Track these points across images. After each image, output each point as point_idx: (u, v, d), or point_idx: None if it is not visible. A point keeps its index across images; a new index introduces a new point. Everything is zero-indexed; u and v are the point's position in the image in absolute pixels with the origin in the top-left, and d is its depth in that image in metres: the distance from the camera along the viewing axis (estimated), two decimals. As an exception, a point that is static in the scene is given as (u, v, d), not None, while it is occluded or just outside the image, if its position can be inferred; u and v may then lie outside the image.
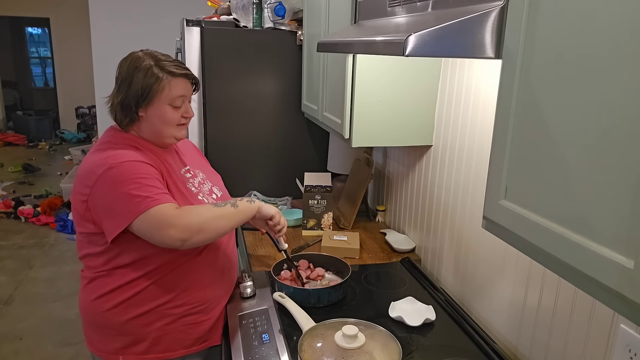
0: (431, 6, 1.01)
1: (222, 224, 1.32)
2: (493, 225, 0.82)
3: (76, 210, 1.33)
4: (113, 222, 1.25)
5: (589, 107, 0.61)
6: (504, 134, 0.77)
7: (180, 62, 1.39)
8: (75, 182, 1.35)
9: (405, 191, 1.99)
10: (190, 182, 1.44)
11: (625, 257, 0.56)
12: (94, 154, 1.32)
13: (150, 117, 1.34)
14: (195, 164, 1.54)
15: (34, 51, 9.85)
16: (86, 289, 1.38)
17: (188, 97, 1.39)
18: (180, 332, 1.38)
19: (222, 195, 1.54)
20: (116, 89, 1.34)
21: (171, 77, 1.32)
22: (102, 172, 1.24)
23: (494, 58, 0.82)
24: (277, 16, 2.32)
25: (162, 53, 1.38)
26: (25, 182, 6.06)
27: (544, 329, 1.19)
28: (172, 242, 1.23)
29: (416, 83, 1.65)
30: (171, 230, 1.22)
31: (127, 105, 1.32)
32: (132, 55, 1.35)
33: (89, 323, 1.40)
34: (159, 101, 1.32)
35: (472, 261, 1.51)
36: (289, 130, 2.49)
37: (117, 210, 1.24)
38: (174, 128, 1.37)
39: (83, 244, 1.37)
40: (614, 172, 0.57)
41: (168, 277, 1.35)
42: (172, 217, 1.23)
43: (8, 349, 2.86)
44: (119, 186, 1.23)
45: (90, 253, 1.35)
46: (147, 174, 1.27)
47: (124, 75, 1.32)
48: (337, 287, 1.50)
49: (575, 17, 0.62)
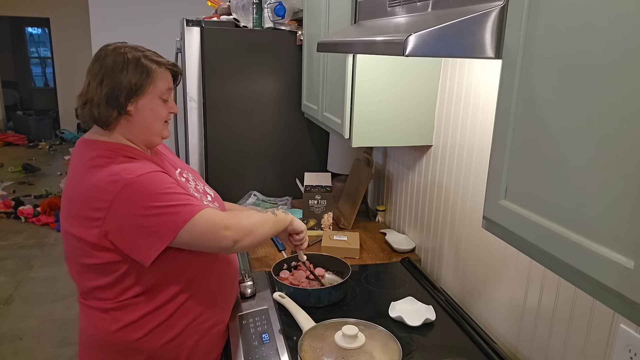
0: (431, 6, 1.01)
1: (266, 229, 1.32)
2: (493, 225, 0.82)
3: (82, 242, 1.18)
4: (152, 240, 1.14)
5: (588, 107, 0.61)
6: (504, 133, 0.77)
7: (156, 53, 1.31)
8: (69, 210, 1.20)
9: (405, 191, 1.99)
10: (190, 186, 1.38)
11: (625, 257, 0.56)
12: (88, 173, 1.18)
13: (141, 112, 1.24)
14: (180, 164, 1.48)
15: (34, 51, 9.85)
16: (102, 319, 1.25)
17: (172, 90, 1.33)
18: (209, 344, 1.36)
19: (215, 195, 1.49)
20: (96, 83, 1.20)
21: (161, 68, 1.25)
22: (119, 189, 1.12)
23: (494, 58, 0.82)
24: (277, 16, 2.32)
25: (138, 45, 1.29)
26: (25, 182, 6.06)
27: (544, 328, 1.19)
28: (226, 242, 1.20)
29: (416, 83, 1.65)
30: (226, 231, 1.19)
31: (115, 98, 1.19)
32: (110, 46, 1.25)
33: (109, 351, 1.27)
34: (150, 92, 1.23)
35: (472, 261, 1.51)
36: (289, 130, 2.49)
37: (157, 226, 1.14)
38: (162, 125, 1.29)
39: (88, 276, 1.24)
40: (613, 172, 0.57)
41: (195, 294, 1.29)
42: (225, 218, 1.20)
43: (8, 349, 2.86)
44: (148, 200, 1.13)
45: (101, 285, 1.22)
46: (171, 183, 1.19)
47: (109, 67, 1.20)
48: (337, 287, 1.50)
49: (575, 17, 0.62)
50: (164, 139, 1.34)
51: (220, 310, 1.38)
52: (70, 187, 1.22)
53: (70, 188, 1.21)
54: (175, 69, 1.32)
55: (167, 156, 1.44)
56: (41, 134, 8.56)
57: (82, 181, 1.18)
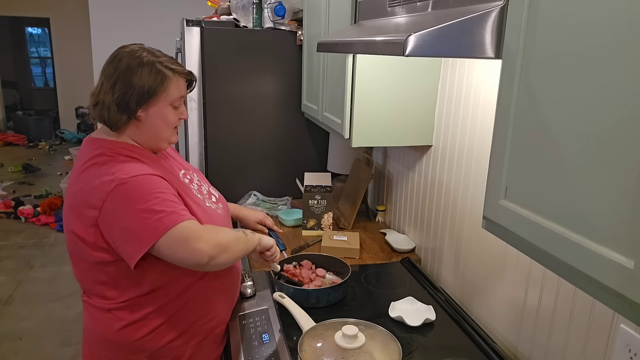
0: (431, 6, 1.01)
1: (240, 247, 1.28)
2: (493, 225, 0.82)
3: (81, 240, 1.18)
4: (135, 244, 1.13)
5: (588, 107, 0.61)
6: (503, 133, 0.77)
7: (175, 59, 1.30)
8: (71, 208, 1.20)
9: (405, 191, 1.99)
10: (193, 188, 1.37)
11: (625, 257, 0.56)
12: (89, 170, 1.18)
13: (151, 118, 1.23)
14: (185, 165, 1.47)
15: (34, 51, 9.85)
16: (106, 318, 1.25)
17: (185, 97, 1.32)
18: (212, 345, 1.36)
19: (219, 196, 1.49)
20: (109, 85, 1.20)
21: (175, 75, 1.24)
22: (112, 188, 1.12)
23: (494, 58, 0.82)
24: (277, 16, 2.32)
25: (154, 48, 1.27)
26: (25, 182, 6.06)
27: (544, 329, 1.19)
28: (201, 257, 1.15)
29: (416, 83, 1.65)
30: (201, 244, 1.14)
31: (125, 104, 1.19)
32: (127, 48, 1.23)
33: (112, 349, 1.27)
34: (162, 100, 1.23)
35: (472, 261, 1.51)
36: (289, 130, 2.49)
37: (139, 229, 1.12)
38: (171, 131, 1.29)
39: (92, 274, 1.23)
40: (613, 172, 0.57)
41: (197, 294, 1.29)
42: (202, 231, 1.16)
43: (8, 349, 2.86)
44: (136, 202, 1.12)
45: (103, 284, 1.23)
46: (164, 188, 1.17)
47: (123, 70, 1.19)
48: (337, 287, 1.50)
49: (575, 16, 0.62)
50: (171, 144, 1.33)
51: (223, 311, 1.38)
52: (72, 184, 1.22)
53: (72, 185, 1.21)
54: (190, 76, 1.30)
55: (173, 157, 1.43)
56: (41, 134, 8.56)
57: (81, 179, 1.18)
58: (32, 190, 5.75)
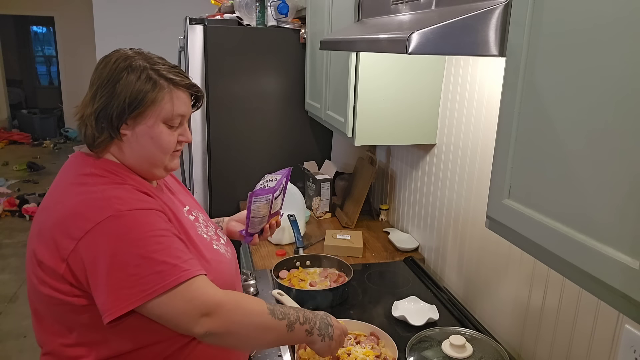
0: (434, 3, 1.01)
1: (267, 339, 1.00)
2: (497, 224, 0.81)
3: (41, 263, 0.92)
4: (118, 296, 0.86)
5: (594, 106, 0.60)
6: (507, 132, 0.76)
7: (179, 68, 1.03)
8: (39, 233, 0.94)
9: (409, 190, 1.98)
10: (198, 226, 1.11)
11: (630, 257, 0.55)
12: (73, 190, 0.94)
13: (139, 138, 0.97)
14: (189, 200, 1.19)
15: (38, 50, 9.89)
16: None
17: (187, 116, 1.04)
18: None
19: (227, 240, 1.23)
20: (90, 95, 0.98)
21: (172, 86, 0.98)
22: (103, 220, 0.88)
23: (498, 56, 0.82)
24: (280, 14, 2.32)
25: (155, 55, 1.03)
26: (30, 181, 6.09)
27: (548, 329, 1.18)
28: (198, 330, 0.90)
29: (420, 81, 1.64)
30: (207, 318, 0.90)
31: (106, 118, 0.95)
32: (116, 52, 0.99)
33: None
34: (152, 116, 0.96)
35: (475, 261, 1.50)
36: (292, 128, 2.49)
37: (129, 280, 0.86)
38: (166, 156, 1.01)
39: (49, 323, 0.95)
40: (619, 171, 0.57)
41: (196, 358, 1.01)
42: (217, 301, 0.91)
43: (12, 347, 2.88)
44: (133, 245, 0.88)
45: (71, 334, 0.94)
46: (166, 229, 0.93)
47: (106, 77, 0.96)
48: (336, 289, 1.50)
49: (580, 13, 0.62)
50: (170, 172, 1.07)
51: None
52: (47, 204, 0.98)
53: (48, 206, 0.97)
54: (194, 90, 1.04)
55: (173, 189, 1.16)
56: (46, 132, 8.59)
57: (62, 199, 0.95)
58: (36, 188, 5.77)
